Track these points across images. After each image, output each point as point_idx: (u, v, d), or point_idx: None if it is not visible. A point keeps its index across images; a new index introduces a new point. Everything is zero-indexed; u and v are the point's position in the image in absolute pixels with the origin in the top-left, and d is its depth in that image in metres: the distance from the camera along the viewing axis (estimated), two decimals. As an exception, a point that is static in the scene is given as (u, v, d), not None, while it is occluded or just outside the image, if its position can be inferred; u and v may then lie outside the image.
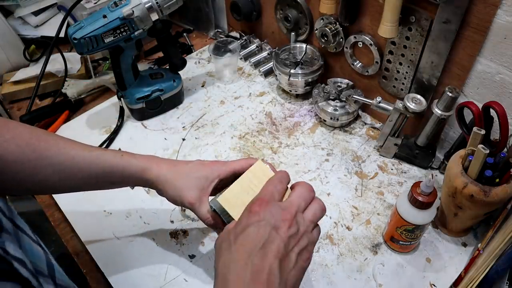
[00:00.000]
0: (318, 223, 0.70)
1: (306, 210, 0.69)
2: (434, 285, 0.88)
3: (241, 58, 1.47)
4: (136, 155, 0.83)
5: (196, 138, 1.20)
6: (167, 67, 1.31)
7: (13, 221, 0.52)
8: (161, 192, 0.82)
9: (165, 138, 1.21)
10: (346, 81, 1.22)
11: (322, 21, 1.18)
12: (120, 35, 1.06)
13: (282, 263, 0.61)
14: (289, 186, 0.73)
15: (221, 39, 1.41)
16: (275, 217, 0.64)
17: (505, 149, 0.84)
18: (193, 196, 0.78)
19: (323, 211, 0.71)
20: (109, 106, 1.32)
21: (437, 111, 0.97)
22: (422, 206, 0.81)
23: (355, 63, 1.17)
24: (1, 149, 0.70)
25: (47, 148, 0.76)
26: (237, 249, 0.63)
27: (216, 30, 1.61)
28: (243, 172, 0.77)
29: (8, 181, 0.70)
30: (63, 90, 1.32)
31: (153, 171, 0.81)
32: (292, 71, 1.22)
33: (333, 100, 1.19)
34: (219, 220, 0.74)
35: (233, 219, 0.68)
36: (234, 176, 0.77)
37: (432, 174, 0.79)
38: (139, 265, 0.92)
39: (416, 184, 0.82)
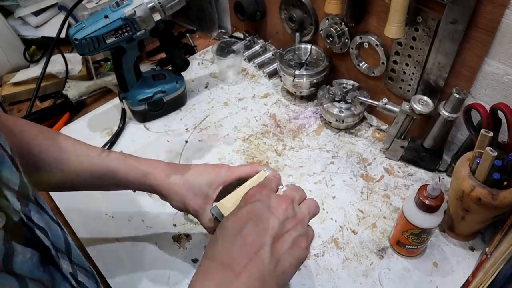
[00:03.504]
0: (315, 231, 0.71)
1: (301, 204, 0.70)
2: (441, 290, 0.87)
3: (245, 59, 1.46)
4: (139, 159, 0.83)
5: (199, 140, 1.19)
6: (170, 68, 1.31)
7: (35, 198, 0.54)
8: (164, 198, 0.81)
9: (168, 141, 1.20)
10: (352, 82, 1.21)
11: (327, 21, 1.17)
12: (122, 35, 1.05)
13: (275, 242, 0.61)
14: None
15: (225, 39, 1.40)
16: (272, 200, 0.66)
17: (514, 152, 0.83)
18: (197, 203, 0.77)
19: (317, 207, 0.72)
20: (111, 108, 1.31)
21: (444, 112, 0.97)
22: (429, 209, 0.81)
23: (361, 64, 1.16)
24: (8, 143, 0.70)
25: (51, 145, 0.77)
26: (228, 225, 0.63)
27: (219, 31, 1.61)
28: (248, 178, 0.76)
29: None
30: (64, 92, 1.31)
31: (156, 176, 0.80)
32: (297, 72, 1.21)
33: (339, 101, 1.18)
34: None
35: None
36: (239, 182, 0.76)
37: (439, 177, 0.79)
38: (141, 270, 0.91)
39: (423, 187, 0.82)
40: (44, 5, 1.53)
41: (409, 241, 0.87)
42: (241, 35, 1.55)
